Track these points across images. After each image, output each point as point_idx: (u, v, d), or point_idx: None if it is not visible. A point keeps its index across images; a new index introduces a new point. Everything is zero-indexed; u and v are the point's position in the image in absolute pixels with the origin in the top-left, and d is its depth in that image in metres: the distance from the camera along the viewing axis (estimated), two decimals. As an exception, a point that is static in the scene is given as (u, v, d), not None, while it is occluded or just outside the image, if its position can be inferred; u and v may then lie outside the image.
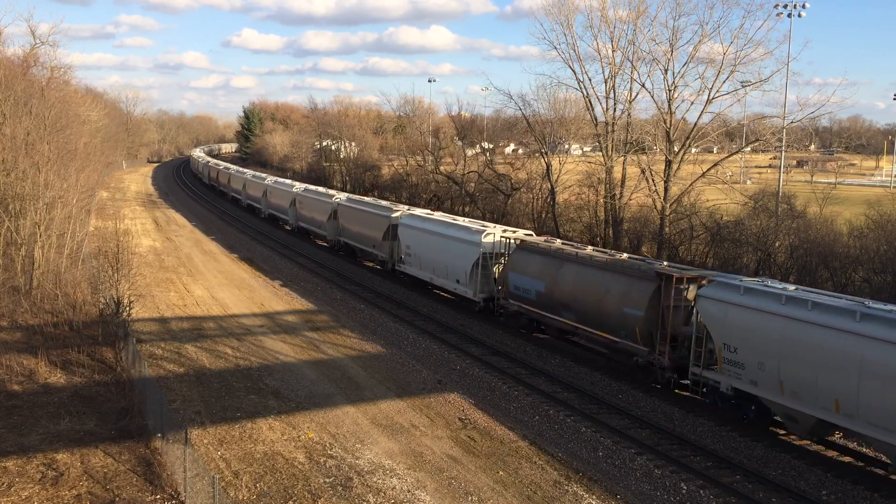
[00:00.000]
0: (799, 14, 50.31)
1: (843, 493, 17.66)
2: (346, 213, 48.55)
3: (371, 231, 43.77)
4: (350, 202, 49.14)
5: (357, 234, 46.53)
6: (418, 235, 37.70)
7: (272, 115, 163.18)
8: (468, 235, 33.49)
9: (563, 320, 27.92)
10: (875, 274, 33.76)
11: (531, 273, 29.38)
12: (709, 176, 45.14)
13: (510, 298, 30.81)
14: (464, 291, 33.89)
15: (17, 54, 48.96)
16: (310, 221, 55.79)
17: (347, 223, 48.27)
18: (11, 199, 31.70)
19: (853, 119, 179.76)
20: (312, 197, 56.00)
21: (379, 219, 42.65)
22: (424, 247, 37.05)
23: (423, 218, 38.79)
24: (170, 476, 16.99)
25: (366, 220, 44.75)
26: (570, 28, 48.90)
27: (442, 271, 35.59)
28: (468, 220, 38.18)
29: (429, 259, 36.67)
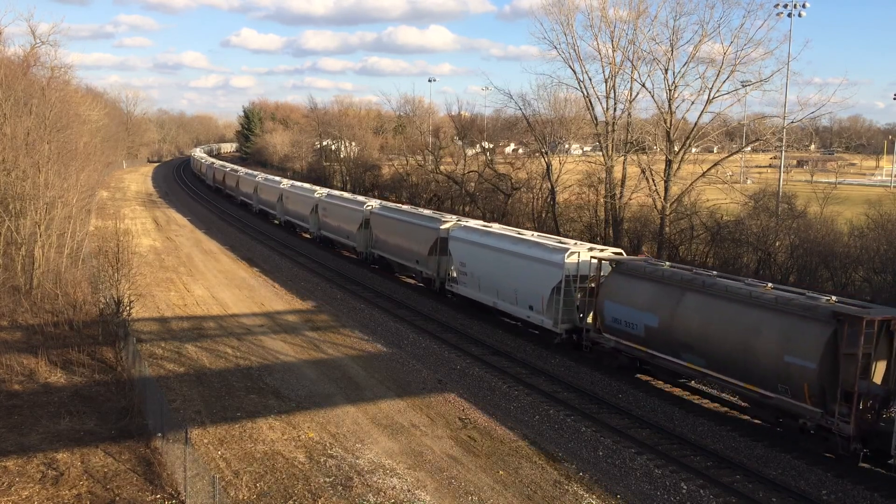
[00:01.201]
0: (799, 14, 50.37)
1: (843, 493, 17.67)
2: (381, 223, 43.42)
3: (413, 244, 38.92)
4: (385, 211, 43.99)
5: (395, 247, 41.55)
6: (476, 252, 32.73)
7: (272, 115, 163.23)
8: (547, 254, 28.41)
9: (684, 364, 22.86)
10: (875, 274, 33.77)
11: (638, 303, 24.34)
12: (709, 176, 45.14)
13: (605, 332, 26.05)
14: (539, 320, 28.80)
15: (17, 54, 49.03)
16: (335, 231, 50.41)
17: (383, 234, 43.11)
18: (12, 199, 31.71)
19: (853, 119, 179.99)
20: (339, 204, 50.20)
21: (424, 231, 37.86)
22: (485, 265, 32.00)
23: (482, 231, 33.71)
24: (170, 476, 16.99)
25: (407, 232, 39.79)
26: (570, 28, 48.93)
27: (509, 295, 30.62)
28: (539, 235, 33.19)
29: (491, 280, 31.70)
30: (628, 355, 25.39)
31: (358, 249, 46.70)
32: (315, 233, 54.64)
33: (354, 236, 46.54)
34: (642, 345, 24.35)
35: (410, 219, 40.15)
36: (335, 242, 51.39)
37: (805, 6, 50.44)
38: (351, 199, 50.81)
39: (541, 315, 28.67)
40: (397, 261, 41.67)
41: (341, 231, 49.14)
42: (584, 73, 48.93)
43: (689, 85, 45.15)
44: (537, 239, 30.94)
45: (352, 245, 47.76)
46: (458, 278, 34.63)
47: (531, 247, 29.77)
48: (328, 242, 52.64)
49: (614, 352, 25.89)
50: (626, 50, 47.13)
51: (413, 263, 39.53)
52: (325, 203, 52.31)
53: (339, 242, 50.58)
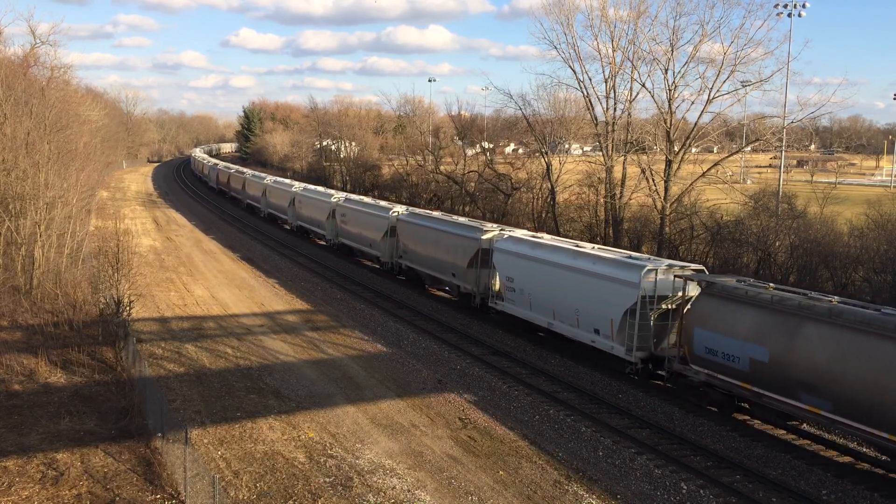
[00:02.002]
0: (799, 14, 50.42)
1: (843, 493, 17.66)
2: (409, 232, 40.05)
3: (449, 255, 35.44)
4: (415, 218, 40.67)
5: (427, 257, 38.04)
6: (527, 266, 29.32)
7: (272, 115, 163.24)
8: (618, 272, 25.01)
9: (804, 407, 19.48)
10: (875, 274, 33.79)
11: (740, 332, 20.84)
12: (709, 176, 45.17)
13: (694, 363, 22.36)
14: (607, 346, 25.43)
15: (17, 54, 49.05)
16: (356, 239, 46.71)
17: (412, 243, 39.77)
18: (12, 199, 31.72)
19: (853, 119, 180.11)
20: (361, 210, 46.41)
21: (462, 241, 34.37)
22: (539, 281, 28.73)
23: (533, 242, 30.27)
24: (170, 476, 16.99)
25: (441, 242, 36.35)
26: (570, 28, 48.98)
27: (568, 316, 27.26)
28: (601, 248, 29.54)
29: (546, 298, 28.38)
30: (724, 391, 21.73)
31: (382, 259, 43.16)
32: (332, 240, 51.12)
33: (378, 245, 42.97)
34: (746, 381, 20.77)
35: (445, 227, 36.59)
36: (355, 251, 47.89)
37: (805, 6, 50.50)
38: (373, 204, 47.18)
39: (609, 340, 25.18)
40: (429, 273, 38.05)
41: (363, 239, 45.51)
42: (584, 73, 49.02)
43: (689, 85, 45.26)
44: (602, 253, 27.41)
45: (374, 254, 44.11)
46: (504, 294, 31.13)
47: (596, 262, 26.32)
48: (347, 251, 49.16)
49: (705, 386, 22.24)
50: (626, 50, 47.21)
51: (448, 276, 35.99)
52: (343, 208, 48.56)
53: (359, 251, 47.07)
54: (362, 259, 47.46)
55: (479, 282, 33.33)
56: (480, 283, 33.30)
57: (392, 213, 41.93)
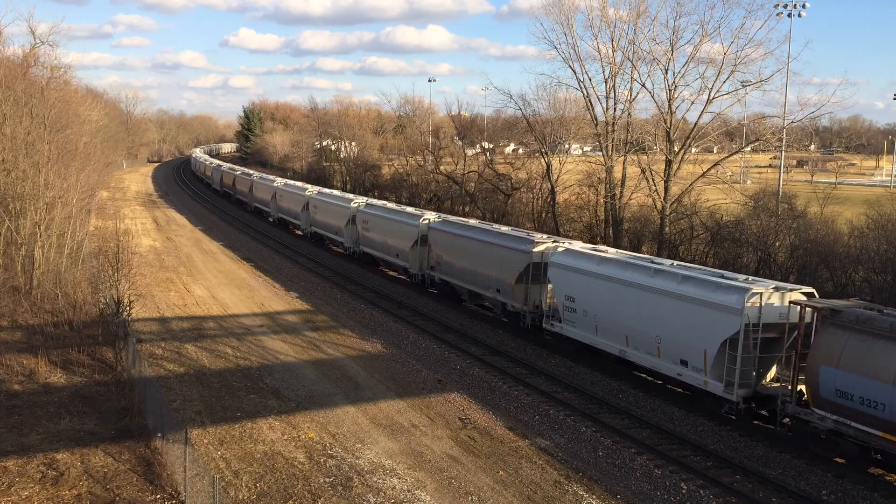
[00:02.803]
0: (799, 14, 50.40)
1: (843, 493, 17.67)
2: (444, 242, 36.42)
3: (492, 269, 31.78)
4: (450, 227, 36.83)
5: (465, 270, 34.35)
6: (593, 285, 25.80)
7: (272, 115, 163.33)
8: (716, 295, 21.35)
9: None
10: (875, 274, 33.76)
11: (884, 374, 17.54)
12: (709, 176, 45.17)
13: (820, 407, 19.05)
14: (697, 381, 21.85)
15: (16, 54, 48.97)
16: (380, 247, 43.23)
17: (447, 255, 36.15)
18: (11, 199, 31.73)
19: (853, 119, 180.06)
20: (385, 216, 42.94)
21: (509, 254, 30.73)
22: (608, 302, 25.21)
23: (599, 257, 26.51)
24: (170, 476, 16.99)
25: (482, 253, 32.73)
26: (570, 28, 48.93)
27: (646, 343, 23.69)
28: (683, 266, 25.29)
29: (617, 322, 24.85)
30: (860, 443, 18.33)
31: (411, 271, 39.77)
32: (352, 248, 47.65)
33: (406, 255, 39.60)
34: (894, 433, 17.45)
35: (488, 238, 32.91)
36: (379, 260, 44.43)
37: (805, 6, 50.50)
38: (399, 210, 43.44)
39: (701, 374, 21.73)
40: (467, 287, 34.50)
41: (388, 248, 42.12)
42: (584, 73, 48.99)
43: (689, 85, 45.23)
44: (688, 272, 23.52)
45: (401, 265, 40.83)
46: (563, 315, 27.50)
47: (683, 282, 22.59)
48: (369, 260, 45.64)
49: (833, 435, 18.87)
50: (626, 50, 47.19)
51: (490, 292, 32.45)
52: (365, 215, 45.11)
53: (383, 261, 43.75)
54: (387, 269, 44.33)
55: (529, 299, 29.92)
56: (530, 300, 29.92)
57: (423, 221, 38.54)
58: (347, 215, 47.52)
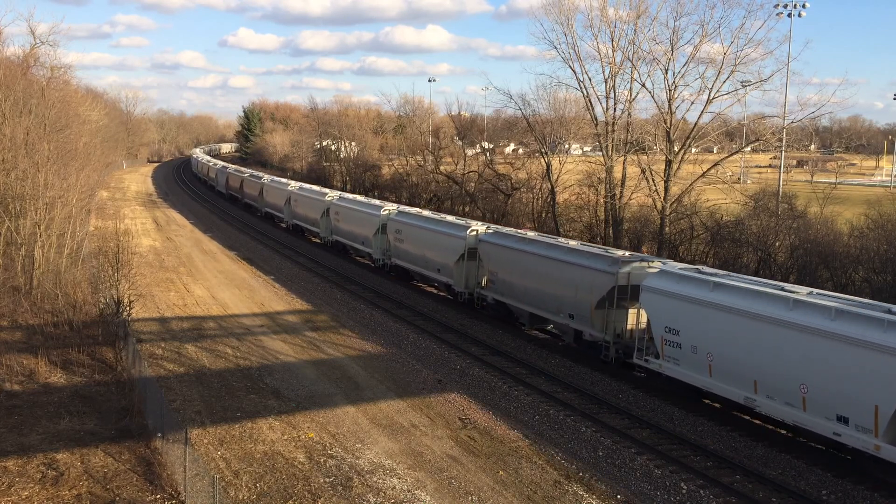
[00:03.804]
0: (799, 14, 50.44)
1: (843, 493, 17.67)
2: (497, 256, 32.36)
3: (565, 291, 27.88)
4: (503, 239, 32.50)
5: (530, 292, 30.09)
6: (705, 316, 21.57)
7: (272, 115, 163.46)
8: (892, 337, 17.17)
9: None
10: (875, 274, 33.76)
11: None
12: (709, 176, 45.18)
13: None
14: (867, 445, 17.61)
15: (16, 54, 49.01)
16: (419, 261, 38.82)
17: (504, 271, 31.92)
18: (11, 199, 31.74)
19: (853, 119, 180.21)
20: (422, 226, 38.55)
21: (589, 275, 26.61)
22: (728, 338, 20.95)
23: (714, 283, 21.84)
24: (170, 476, 17.00)
25: (550, 273, 28.77)
26: (570, 28, 48.92)
27: (785, 392, 19.53)
28: (824, 294, 20.58)
29: (741, 363, 20.59)
30: None
31: (455, 288, 35.25)
32: (381, 260, 43.40)
33: (450, 270, 35.40)
34: None
35: (558, 254, 28.74)
36: (414, 274, 40.43)
37: (805, 6, 50.52)
38: (439, 220, 38.71)
39: (869, 436, 17.55)
40: (530, 310, 30.36)
41: (427, 262, 37.73)
42: (583, 73, 49.00)
43: (689, 85, 45.22)
44: (841, 304, 19.01)
45: (444, 281, 36.47)
46: (662, 350, 23.17)
47: (838, 318, 18.41)
48: (402, 273, 41.61)
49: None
50: (626, 50, 47.19)
51: (562, 318, 28.38)
52: (398, 224, 40.78)
53: (421, 275, 39.59)
54: (424, 285, 40.43)
55: (612, 327, 25.94)
56: (612, 328, 25.95)
57: (470, 233, 34.30)
58: (376, 224, 43.19)
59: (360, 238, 45.82)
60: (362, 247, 45.80)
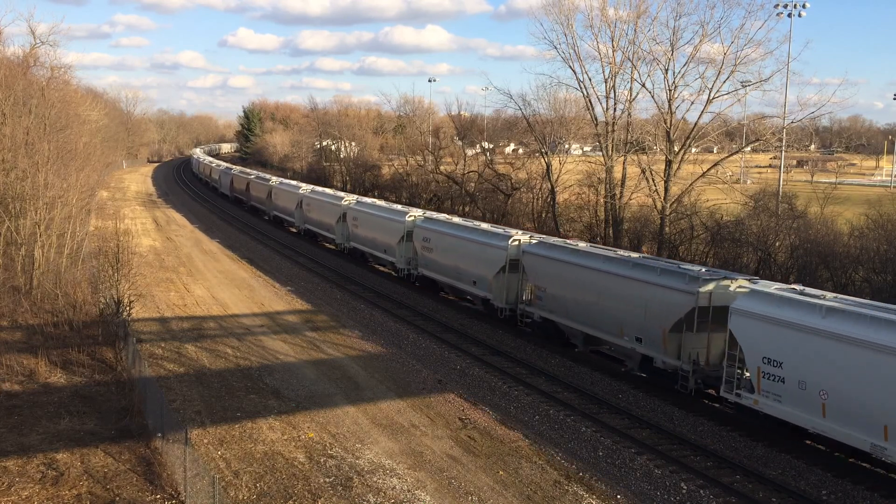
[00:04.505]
0: (799, 14, 50.46)
1: (843, 493, 17.67)
2: (546, 270, 29.09)
3: (624, 308, 24.91)
4: (551, 251, 29.20)
5: (584, 309, 27.05)
6: (819, 348, 18.60)
7: (272, 115, 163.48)
8: None
9: None
10: (875, 274, 33.76)
11: None
12: (709, 176, 45.21)
13: None
14: None
15: (16, 54, 48.93)
16: (451, 273, 35.41)
17: (553, 286, 28.62)
18: (11, 199, 31.73)
19: (853, 119, 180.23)
20: (454, 234, 35.30)
21: (663, 294, 23.44)
22: (851, 377, 17.93)
23: (827, 307, 18.90)
24: (170, 476, 17.00)
25: (610, 290, 25.70)
26: (570, 28, 49.01)
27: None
28: None
29: (868, 405, 17.62)
30: None
31: (495, 303, 31.95)
32: (406, 270, 40.36)
33: (487, 283, 32.20)
34: None
35: (621, 269, 25.49)
36: (444, 286, 37.38)
37: (805, 6, 50.54)
38: (474, 228, 35.20)
39: None
40: (585, 331, 27.35)
41: (461, 274, 34.51)
42: (584, 73, 49.08)
43: (689, 85, 45.31)
44: None
45: (480, 295, 33.15)
46: (758, 384, 20.20)
47: None
48: (429, 284, 38.47)
49: None
50: (627, 50, 47.28)
51: (626, 341, 25.13)
52: (426, 231, 37.91)
53: (453, 288, 36.32)
54: (458, 298, 37.24)
55: (688, 354, 22.93)
56: (688, 355, 22.92)
57: (511, 242, 31.25)
58: (401, 231, 40.21)
59: (382, 246, 42.88)
60: (384, 255, 42.80)
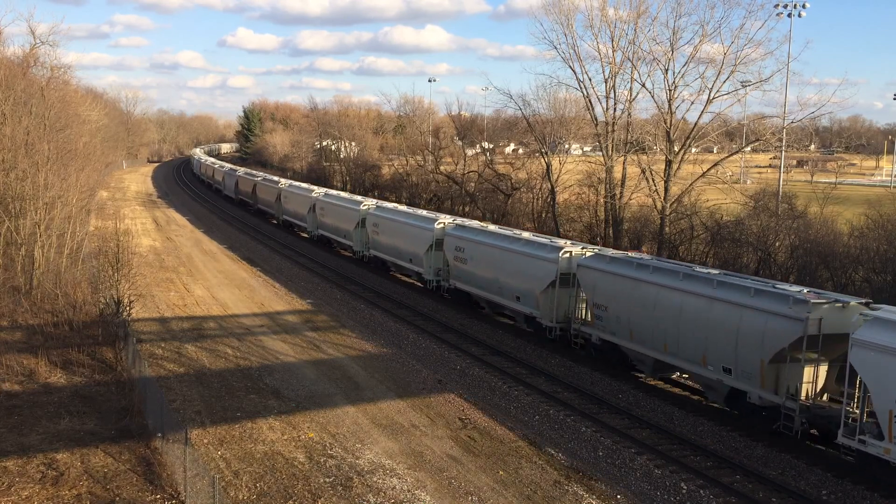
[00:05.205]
0: (799, 14, 50.43)
1: (843, 493, 17.67)
2: (606, 285, 26.15)
3: (708, 333, 21.97)
4: (611, 265, 26.39)
5: (657, 332, 23.89)
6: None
7: (272, 115, 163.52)
8: None
9: None
10: (875, 274, 33.76)
11: None
12: (709, 176, 45.18)
13: None
14: None
15: (16, 54, 48.93)
16: (493, 288, 32.20)
17: (615, 305, 25.71)
18: (11, 199, 31.73)
19: (853, 119, 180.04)
20: (494, 244, 32.20)
21: (751, 318, 20.65)
22: None
23: None
24: (170, 476, 17.00)
25: (687, 309, 22.76)
26: (570, 28, 48.94)
27: None
28: None
29: None
30: None
31: (542, 322, 29.13)
32: (435, 281, 37.55)
33: (533, 299, 29.40)
34: None
35: (705, 290, 22.39)
36: (481, 300, 34.38)
37: (805, 6, 50.53)
38: (514, 237, 32.19)
39: None
40: (659, 357, 24.22)
41: (502, 288, 31.55)
42: (583, 74, 49.02)
43: (689, 85, 45.23)
44: None
45: (524, 312, 30.30)
46: (888, 430, 17.27)
47: None
48: (464, 299, 35.41)
49: None
50: (627, 50, 47.21)
51: (712, 371, 22.11)
52: (458, 240, 34.93)
53: (490, 302, 33.48)
54: (495, 313, 34.12)
55: (787, 387, 20.16)
56: (786, 388, 20.16)
57: (562, 255, 28.10)
58: (429, 239, 37.19)
59: (407, 255, 39.93)
60: (410, 265, 39.89)
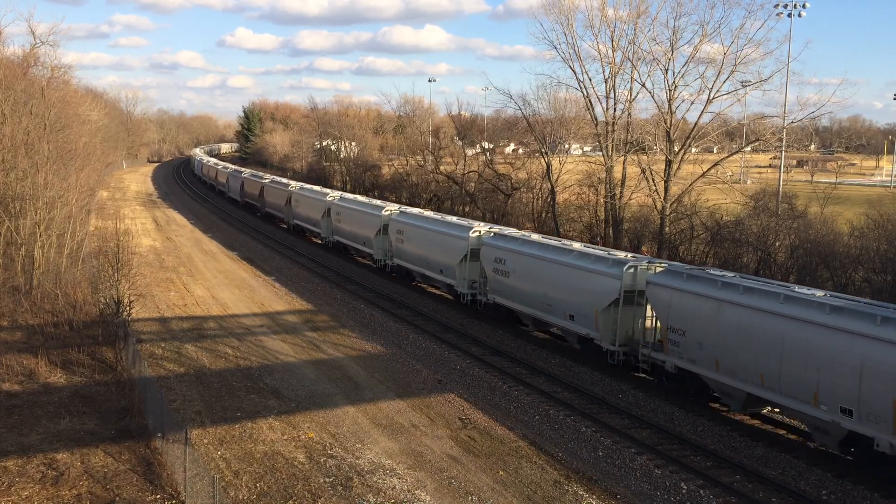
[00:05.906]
0: (799, 14, 50.45)
1: (843, 493, 17.66)
2: (686, 308, 22.67)
3: (825, 369, 18.40)
4: (694, 284, 22.68)
5: (750, 363, 20.49)
6: None
7: (272, 115, 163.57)
8: None
9: None
10: (875, 274, 33.75)
11: None
12: (709, 176, 45.18)
13: None
14: None
15: (16, 54, 48.92)
16: (539, 304, 28.97)
17: (697, 330, 22.16)
18: (11, 199, 31.74)
19: (853, 119, 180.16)
20: (543, 257, 28.84)
21: (881, 352, 17.27)
22: None
23: None
24: (170, 476, 17.00)
25: (796, 339, 19.24)
26: (570, 28, 48.95)
27: None
28: None
29: None
30: None
31: (602, 345, 25.84)
32: (469, 294, 33.98)
33: (590, 319, 26.08)
34: None
35: (810, 314, 19.06)
36: (524, 317, 30.96)
37: (805, 6, 50.55)
38: (563, 248, 28.92)
39: None
40: (752, 391, 20.76)
41: (552, 305, 28.10)
42: (583, 74, 49.03)
43: (689, 85, 45.25)
44: None
45: (580, 333, 26.80)
46: None
47: None
48: (504, 316, 32.04)
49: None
50: (626, 50, 47.21)
51: (827, 413, 18.48)
52: (498, 250, 31.48)
53: (536, 319, 29.95)
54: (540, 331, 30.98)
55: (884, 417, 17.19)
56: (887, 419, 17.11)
57: (627, 270, 24.79)
58: (463, 249, 33.62)
59: (437, 265, 36.15)
60: (440, 276, 35.90)
